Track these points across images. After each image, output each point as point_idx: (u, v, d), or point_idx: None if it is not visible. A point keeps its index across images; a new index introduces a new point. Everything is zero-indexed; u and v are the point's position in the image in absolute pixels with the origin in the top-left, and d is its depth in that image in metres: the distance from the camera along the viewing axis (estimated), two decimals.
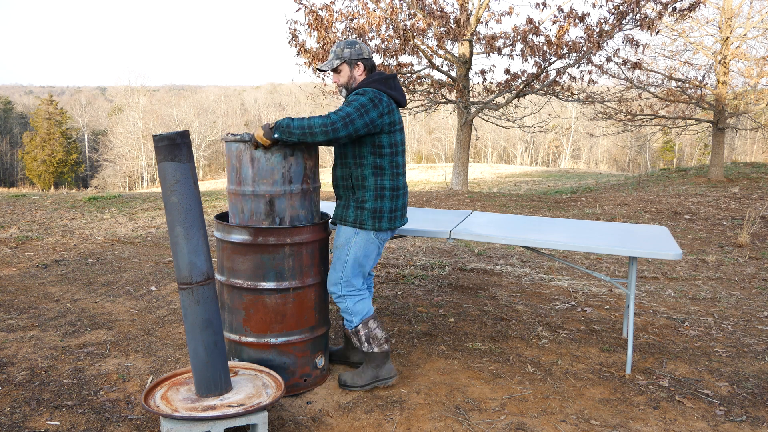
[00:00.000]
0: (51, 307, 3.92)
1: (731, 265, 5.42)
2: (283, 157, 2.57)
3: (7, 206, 8.36)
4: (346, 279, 2.68)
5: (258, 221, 2.60)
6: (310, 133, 2.46)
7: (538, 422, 2.51)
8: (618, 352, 3.28)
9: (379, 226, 2.65)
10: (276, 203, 2.59)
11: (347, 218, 2.68)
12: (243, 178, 2.59)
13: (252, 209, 2.60)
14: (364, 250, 2.69)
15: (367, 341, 2.71)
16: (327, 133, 2.45)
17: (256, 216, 2.60)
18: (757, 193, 10.12)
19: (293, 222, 2.64)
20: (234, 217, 2.67)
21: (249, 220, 2.61)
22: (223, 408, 2.20)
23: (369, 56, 2.71)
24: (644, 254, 2.79)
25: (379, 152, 2.61)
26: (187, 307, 2.24)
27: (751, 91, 12.39)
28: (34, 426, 2.41)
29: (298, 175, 2.62)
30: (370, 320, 2.72)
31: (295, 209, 2.64)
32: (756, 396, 2.79)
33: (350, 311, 2.71)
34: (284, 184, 2.59)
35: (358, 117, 2.48)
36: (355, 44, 2.68)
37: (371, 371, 2.73)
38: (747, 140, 32.47)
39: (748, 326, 3.75)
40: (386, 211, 2.66)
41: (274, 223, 2.60)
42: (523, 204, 9.42)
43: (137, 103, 43.64)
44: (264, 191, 2.58)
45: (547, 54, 7.95)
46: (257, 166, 2.56)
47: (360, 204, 2.65)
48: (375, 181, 2.63)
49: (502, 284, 4.65)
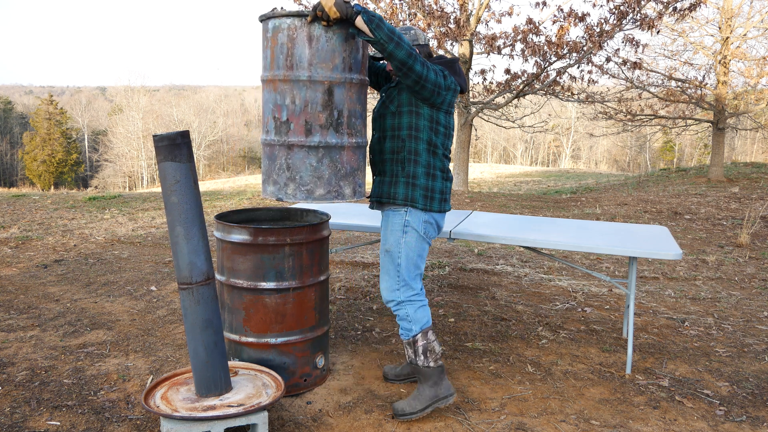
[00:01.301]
0: (51, 307, 3.92)
1: (731, 265, 5.42)
2: (345, 38, 2.19)
3: (7, 206, 8.36)
4: (404, 281, 2.47)
5: (314, 113, 2.20)
6: (397, 44, 2.14)
7: (538, 422, 2.51)
8: (618, 352, 3.28)
9: (431, 206, 2.45)
10: (335, 92, 2.21)
11: (396, 195, 2.43)
12: (297, 60, 2.18)
13: (306, 98, 2.19)
14: (417, 247, 2.46)
15: (424, 354, 2.47)
16: (410, 56, 2.18)
17: (312, 107, 2.20)
18: (757, 193, 10.12)
19: (351, 119, 2.26)
20: (278, 111, 2.24)
21: (302, 113, 2.21)
22: (223, 408, 2.20)
23: (425, 42, 2.53)
24: (644, 254, 2.79)
25: (436, 129, 2.43)
26: (187, 307, 2.24)
27: (751, 91, 12.39)
28: (34, 426, 2.41)
29: (357, 62, 2.27)
30: (429, 331, 2.49)
31: (353, 102, 2.28)
32: (756, 396, 2.79)
33: (410, 318, 2.47)
34: (344, 70, 2.22)
35: (432, 73, 2.29)
36: (410, 30, 2.51)
37: (429, 390, 2.47)
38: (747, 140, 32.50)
39: (748, 326, 3.75)
40: (437, 191, 2.47)
41: (332, 117, 2.22)
42: (523, 204, 9.43)
43: (137, 103, 43.65)
44: (323, 77, 2.19)
45: (547, 54, 7.95)
46: (315, 46, 2.16)
47: (412, 180, 2.42)
48: (428, 157, 2.43)
49: (502, 284, 4.65)
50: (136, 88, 46.41)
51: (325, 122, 2.21)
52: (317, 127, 2.21)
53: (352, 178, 2.32)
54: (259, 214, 3.02)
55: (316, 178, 2.24)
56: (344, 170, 2.28)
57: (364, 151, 2.44)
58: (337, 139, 2.24)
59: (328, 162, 2.24)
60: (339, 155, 2.26)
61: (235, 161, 50.27)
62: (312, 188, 2.24)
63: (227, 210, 3.59)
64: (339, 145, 2.25)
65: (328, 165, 2.24)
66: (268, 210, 3.04)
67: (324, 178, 2.24)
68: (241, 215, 2.94)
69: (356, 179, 2.34)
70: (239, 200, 9.72)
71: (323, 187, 2.25)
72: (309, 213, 3.02)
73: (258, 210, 3.02)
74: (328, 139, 2.22)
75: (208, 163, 46.94)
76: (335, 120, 2.22)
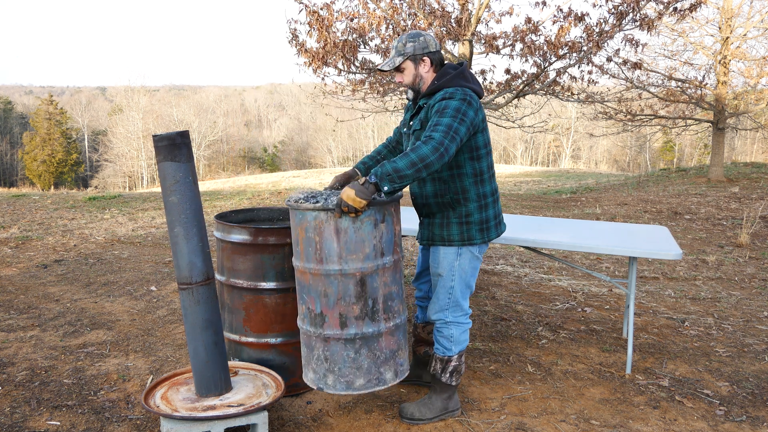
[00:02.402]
0: (51, 307, 3.92)
1: (731, 265, 5.42)
2: (374, 225, 2.15)
3: (7, 206, 8.37)
4: (454, 302, 2.40)
5: (347, 306, 2.17)
6: (424, 166, 2.07)
7: (538, 422, 2.51)
8: (618, 352, 3.28)
9: (488, 237, 2.38)
10: (368, 282, 2.17)
11: (452, 237, 2.33)
12: (326, 255, 2.14)
13: (340, 291, 2.16)
14: (471, 268, 2.40)
15: (452, 374, 2.46)
16: (442, 156, 2.09)
17: (345, 300, 2.17)
18: (757, 193, 10.12)
19: (387, 302, 2.22)
20: (312, 302, 2.22)
21: (335, 306, 2.18)
22: (223, 408, 2.20)
23: (436, 48, 2.36)
24: (644, 254, 2.79)
25: (477, 155, 2.31)
26: (187, 307, 2.24)
27: (751, 91, 12.39)
28: (34, 426, 2.41)
29: (389, 244, 2.22)
30: (464, 354, 2.50)
31: (387, 286, 2.22)
32: (756, 396, 2.80)
33: (453, 339, 2.43)
34: (376, 258, 2.17)
35: (460, 124, 2.17)
36: (419, 36, 2.34)
37: (441, 402, 2.48)
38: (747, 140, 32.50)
39: (748, 326, 3.76)
40: (492, 219, 2.39)
41: (366, 306, 2.19)
42: (523, 204, 9.43)
43: (137, 103, 43.68)
44: (354, 269, 2.15)
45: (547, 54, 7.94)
46: (344, 239, 2.11)
47: (465, 219, 2.33)
48: (477, 189, 2.33)
49: (502, 284, 4.65)
50: (136, 88, 46.43)
51: (359, 313, 2.18)
52: (352, 319, 2.18)
53: (393, 361, 2.28)
54: (258, 214, 3.02)
55: (355, 369, 2.21)
56: (384, 356, 2.25)
57: (403, 328, 2.36)
58: (374, 328, 2.20)
59: (366, 352, 2.21)
60: (377, 342, 2.22)
61: (235, 161, 50.31)
62: (352, 379, 2.22)
63: (227, 210, 3.59)
64: (376, 333, 2.21)
65: (367, 355, 2.21)
66: (268, 210, 3.05)
67: (363, 368, 2.22)
68: (240, 215, 2.95)
69: (397, 360, 2.31)
70: (239, 200, 9.73)
71: (363, 377, 2.22)
72: None
73: (258, 210, 3.02)
74: (364, 330, 2.19)
75: (208, 163, 46.97)
76: (370, 309, 2.19)
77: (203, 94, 65.92)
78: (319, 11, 7.93)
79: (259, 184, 20.40)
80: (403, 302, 2.37)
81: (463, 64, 2.38)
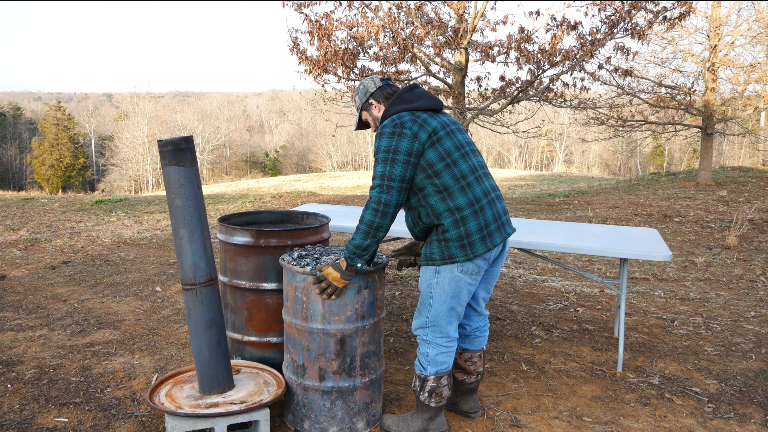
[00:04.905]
0: (59, 307, 3.95)
1: (719, 266, 5.52)
2: (357, 291, 2.32)
3: (16, 209, 8.39)
4: (433, 323, 2.31)
5: (327, 361, 2.35)
6: (376, 230, 2.17)
7: (531, 419, 2.57)
8: (609, 351, 3.35)
9: (474, 252, 2.20)
10: (347, 341, 2.35)
11: (433, 256, 2.26)
12: (311, 313, 2.33)
13: (320, 348, 2.34)
14: (452, 289, 2.25)
15: (430, 394, 2.35)
16: (385, 214, 2.15)
17: (325, 356, 2.35)
18: (745, 197, 10.27)
19: (364, 360, 2.40)
20: (296, 354, 2.41)
21: (316, 360, 2.36)
22: (226, 405, 2.23)
23: (375, 87, 2.37)
24: (635, 256, 2.85)
25: (433, 171, 2.18)
26: (191, 307, 2.27)
27: (738, 98, 12.58)
28: (43, 422, 2.46)
29: (371, 308, 2.38)
30: (445, 376, 2.36)
31: (366, 345, 2.39)
32: (743, 393, 2.86)
33: (429, 359, 2.34)
34: (357, 320, 2.34)
35: (392, 166, 2.14)
36: (360, 85, 2.41)
37: (421, 423, 2.39)
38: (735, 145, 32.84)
39: (736, 326, 3.84)
40: (474, 233, 2.20)
41: (344, 363, 2.36)
42: (517, 207, 9.52)
43: (142, 109, 43.75)
44: (335, 330, 2.32)
45: (540, 62, 8.05)
46: (329, 302, 2.30)
47: (442, 236, 2.22)
48: (446, 204, 2.20)
49: (497, 285, 4.72)
50: (142, 94, 46.47)
51: (338, 369, 2.37)
52: (330, 373, 2.37)
53: (365, 412, 2.45)
54: (261, 217, 3.08)
55: (329, 418, 2.39)
56: (357, 408, 2.43)
57: (379, 382, 2.52)
58: (350, 383, 2.38)
59: (341, 403, 2.39)
60: (352, 396, 2.40)
61: (238, 165, 50.27)
62: (326, 427, 2.39)
63: (230, 213, 3.65)
64: (352, 388, 2.39)
65: (341, 406, 2.39)
66: (269, 213, 3.10)
67: (337, 417, 2.39)
68: (243, 218, 3.00)
69: (370, 411, 2.48)
70: (242, 203, 9.76)
71: (336, 426, 2.40)
72: (310, 216, 3.08)
73: (260, 213, 3.07)
74: (341, 384, 2.38)
75: (212, 168, 46.94)
76: (348, 365, 2.37)
77: (207, 100, 65.77)
78: (319, 20, 8.01)
79: (261, 188, 20.39)
80: (381, 358, 2.51)
81: (410, 87, 2.34)
